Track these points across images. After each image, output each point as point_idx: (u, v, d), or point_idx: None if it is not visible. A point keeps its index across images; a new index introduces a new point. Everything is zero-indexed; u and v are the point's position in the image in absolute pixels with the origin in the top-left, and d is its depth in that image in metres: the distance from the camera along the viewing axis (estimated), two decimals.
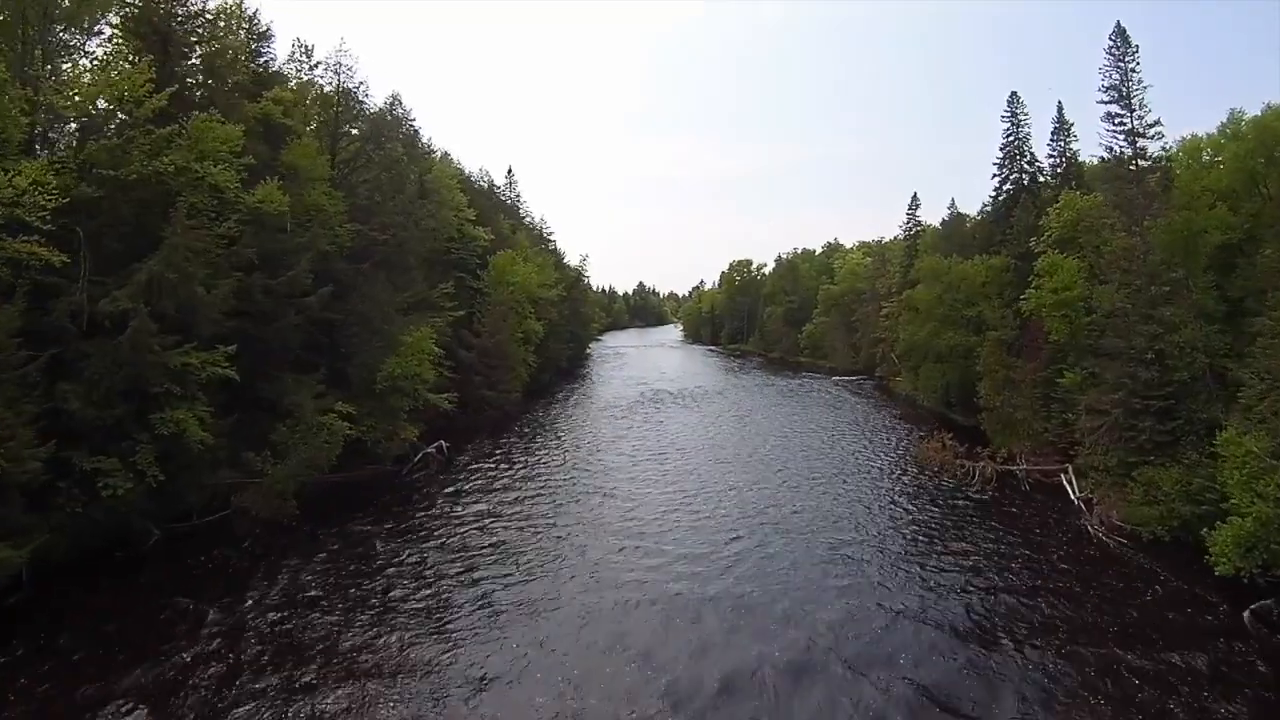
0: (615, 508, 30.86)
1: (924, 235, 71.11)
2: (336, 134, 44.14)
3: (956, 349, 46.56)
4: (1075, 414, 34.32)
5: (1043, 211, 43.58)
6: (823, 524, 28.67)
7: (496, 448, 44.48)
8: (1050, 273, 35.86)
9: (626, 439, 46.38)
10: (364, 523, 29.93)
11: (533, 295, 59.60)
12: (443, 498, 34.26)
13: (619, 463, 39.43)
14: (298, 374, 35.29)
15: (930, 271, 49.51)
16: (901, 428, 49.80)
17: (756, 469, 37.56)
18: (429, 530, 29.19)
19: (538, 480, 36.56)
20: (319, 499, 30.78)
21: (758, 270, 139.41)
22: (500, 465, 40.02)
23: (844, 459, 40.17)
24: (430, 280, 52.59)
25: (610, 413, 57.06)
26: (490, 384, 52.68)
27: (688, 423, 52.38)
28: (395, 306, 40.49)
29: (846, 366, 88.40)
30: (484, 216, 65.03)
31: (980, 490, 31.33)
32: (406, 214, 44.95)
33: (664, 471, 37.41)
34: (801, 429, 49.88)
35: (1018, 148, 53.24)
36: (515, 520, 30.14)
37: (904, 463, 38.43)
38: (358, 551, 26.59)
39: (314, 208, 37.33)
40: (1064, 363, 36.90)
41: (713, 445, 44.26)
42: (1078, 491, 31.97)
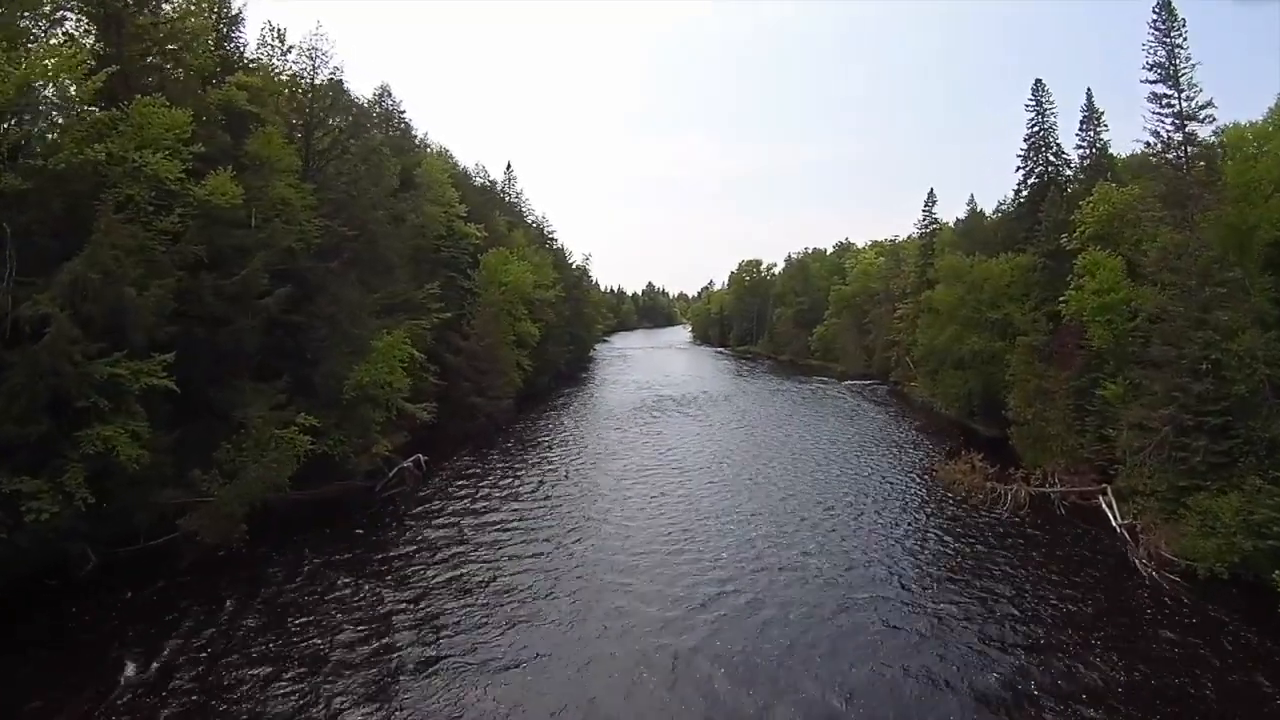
0: (602, 542, 27.26)
1: (941, 233, 67.41)
2: (311, 123, 41.29)
3: (980, 354, 42.87)
4: (1114, 429, 30.78)
5: (1074, 206, 39.95)
6: (836, 565, 24.80)
7: (480, 461, 41.42)
8: (1091, 272, 32.12)
9: (621, 454, 42.75)
10: (322, 551, 26.99)
11: (526, 296, 56.47)
12: (413, 520, 31.26)
13: (609, 485, 35.76)
14: (259, 383, 32.58)
15: (951, 271, 45.77)
16: (922, 441, 45.99)
17: (761, 495, 33.60)
18: (391, 562, 26.13)
19: (518, 503, 33.36)
20: (279, 520, 28.18)
21: (767, 270, 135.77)
22: (480, 483, 36.89)
23: (859, 481, 36.13)
24: (417, 280, 49.79)
25: (608, 422, 53.73)
26: (479, 390, 49.63)
27: (689, 435, 48.80)
28: (368, 308, 37.49)
29: (859, 370, 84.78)
30: (478, 213, 62.06)
31: (1012, 515, 27.74)
32: (383, 208, 41.89)
33: (659, 496, 33.54)
34: (811, 443, 45.99)
35: (1043, 139, 49.66)
36: (487, 553, 26.95)
37: (926, 485, 34.53)
38: (307, 587, 23.65)
39: (279, 201, 34.43)
40: (1101, 371, 33.33)
41: (714, 463, 40.34)
42: (1119, 517, 28.40)
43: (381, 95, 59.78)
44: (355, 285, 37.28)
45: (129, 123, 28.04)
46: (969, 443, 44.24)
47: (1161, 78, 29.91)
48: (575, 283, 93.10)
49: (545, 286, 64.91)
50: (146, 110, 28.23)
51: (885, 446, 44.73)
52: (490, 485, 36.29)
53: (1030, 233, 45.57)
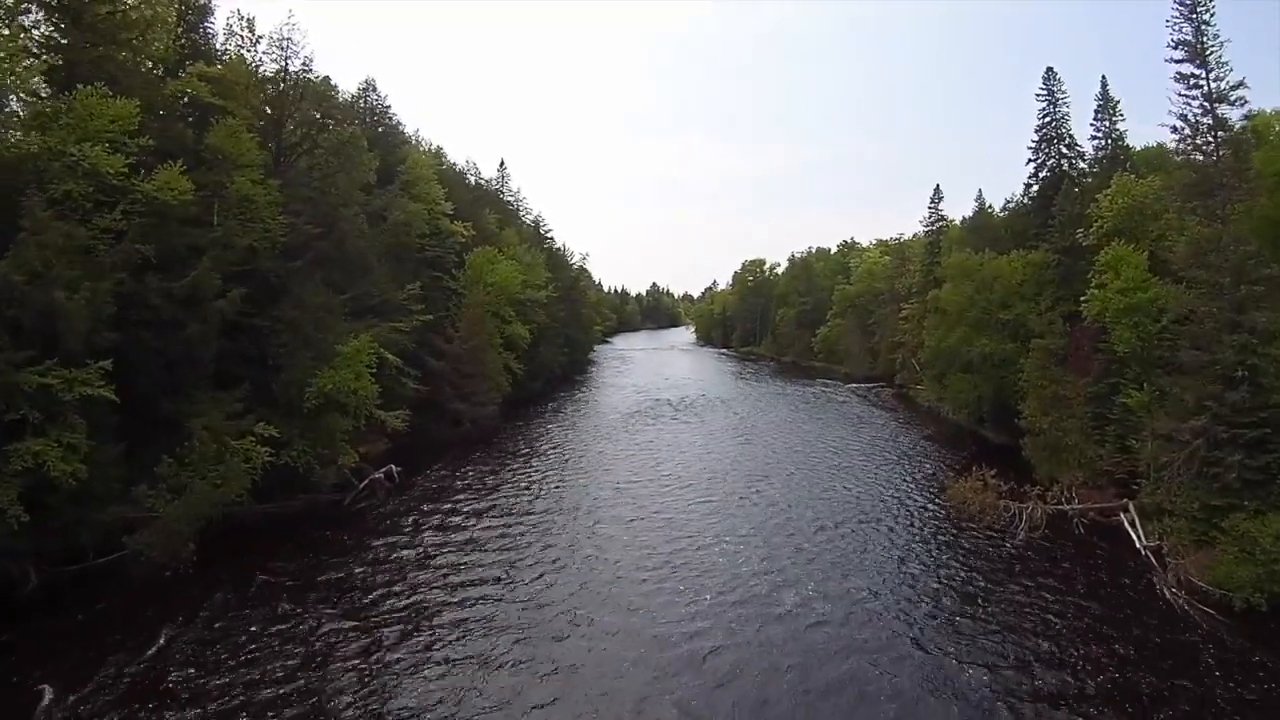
0: (573, 572, 24.63)
1: (948, 232, 64.86)
2: (281, 116, 39.21)
3: (990, 358, 40.27)
4: (1138, 439, 28.34)
5: (1090, 199, 37.46)
6: (834, 605, 21.76)
7: (457, 472, 39.15)
8: (1114, 269, 29.41)
9: (607, 467, 40.04)
10: (274, 570, 24.93)
11: (514, 296, 54.14)
12: (377, 538, 29.02)
13: (590, 503, 32.95)
14: (219, 391, 30.61)
15: (959, 269, 43.09)
16: (929, 452, 43.20)
17: (754, 517, 30.50)
18: (345, 585, 23.97)
19: (489, 521, 30.99)
20: (238, 535, 26.83)
21: (770, 270, 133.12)
22: (454, 497, 34.61)
23: (862, 500, 32.83)
24: (398, 280, 47.67)
25: (598, 429, 51.29)
26: (463, 395, 47.45)
27: (682, 445, 45.87)
28: (335, 311, 35.34)
29: (863, 372, 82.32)
30: (467, 211, 59.89)
31: (1027, 536, 25.18)
32: (356, 204, 39.73)
33: (641, 519, 30.36)
34: (812, 454, 42.89)
35: (1055, 130, 47.16)
36: (449, 577, 24.66)
37: (934, 504, 31.46)
38: (249, 612, 21.58)
39: (242, 198, 32.44)
40: (1122, 376, 30.88)
41: (706, 478, 37.19)
42: (1144, 538, 25.94)
43: (366, 90, 57.68)
44: (321, 286, 35.20)
45: (72, 114, 26.12)
46: (979, 451, 41.87)
47: (1188, 56, 27.36)
48: (572, 283, 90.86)
49: (537, 286, 62.66)
50: (90, 101, 26.25)
51: (890, 458, 41.88)
52: (463, 500, 34.02)
53: (1043, 228, 43.05)
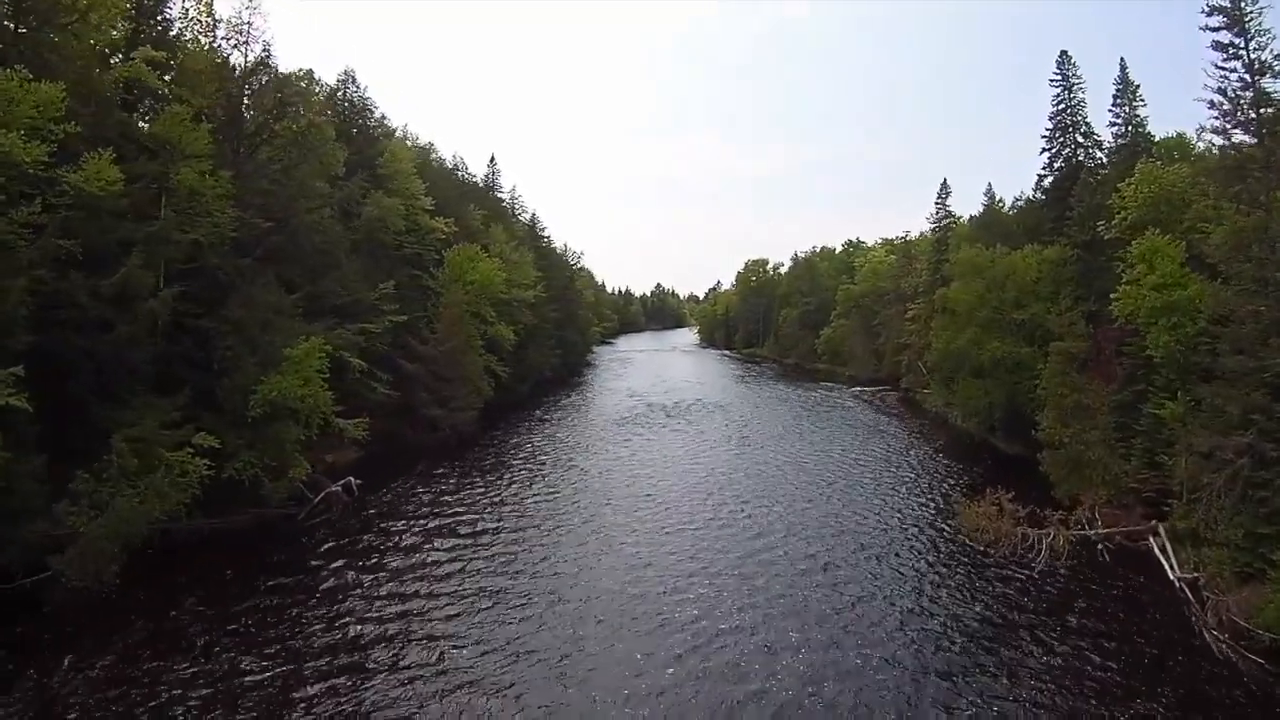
0: (529, 605, 21.70)
1: (956, 228, 61.67)
2: (240, 105, 36.66)
3: (1003, 361, 37.03)
4: (1169, 454, 25.24)
5: (1110, 189, 34.35)
6: (828, 658, 18.46)
7: (425, 484, 36.31)
8: (1148, 262, 26.03)
9: (587, 481, 36.55)
10: (205, 595, 22.51)
11: (496, 296, 51.23)
12: (325, 559, 26.35)
13: (562, 523, 29.69)
14: (157, 397, 28.11)
15: (969, 265, 39.75)
16: (939, 466, 39.56)
17: (741, 543, 26.93)
18: (278, 613, 21.31)
19: (450, 541, 28.14)
20: (176, 554, 25.17)
21: (774, 270, 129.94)
22: (412, 515, 31.76)
23: (864, 527, 28.97)
24: (373, 278, 45.05)
25: (584, 438, 48.19)
26: (440, 400, 44.74)
27: (672, 456, 42.00)
28: (287, 310, 32.67)
29: (868, 375, 79.25)
30: (452, 206, 57.22)
31: (1048, 566, 22.04)
32: (317, 197, 37.08)
33: (612, 550, 26.50)
34: (810, 469, 39.06)
35: (1071, 117, 44.11)
36: (395, 606, 21.88)
37: (943, 527, 28.39)
38: (168, 648, 19.07)
39: (187, 190, 29.98)
40: (1149, 383, 27.79)
41: (693, 495, 33.64)
42: (1177, 567, 22.86)
43: (345, 81, 55.03)
44: (274, 284, 32.59)
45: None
46: (991, 464, 38.82)
47: (1226, 23, 24.29)
48: (567, 283, 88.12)
49: (524, 286, 59.89)
50: (8, 86, 23.74)
51: (895, 475, 37.77)
52: (421, 519, 31.16)
53: (1058, 222, 39.98)
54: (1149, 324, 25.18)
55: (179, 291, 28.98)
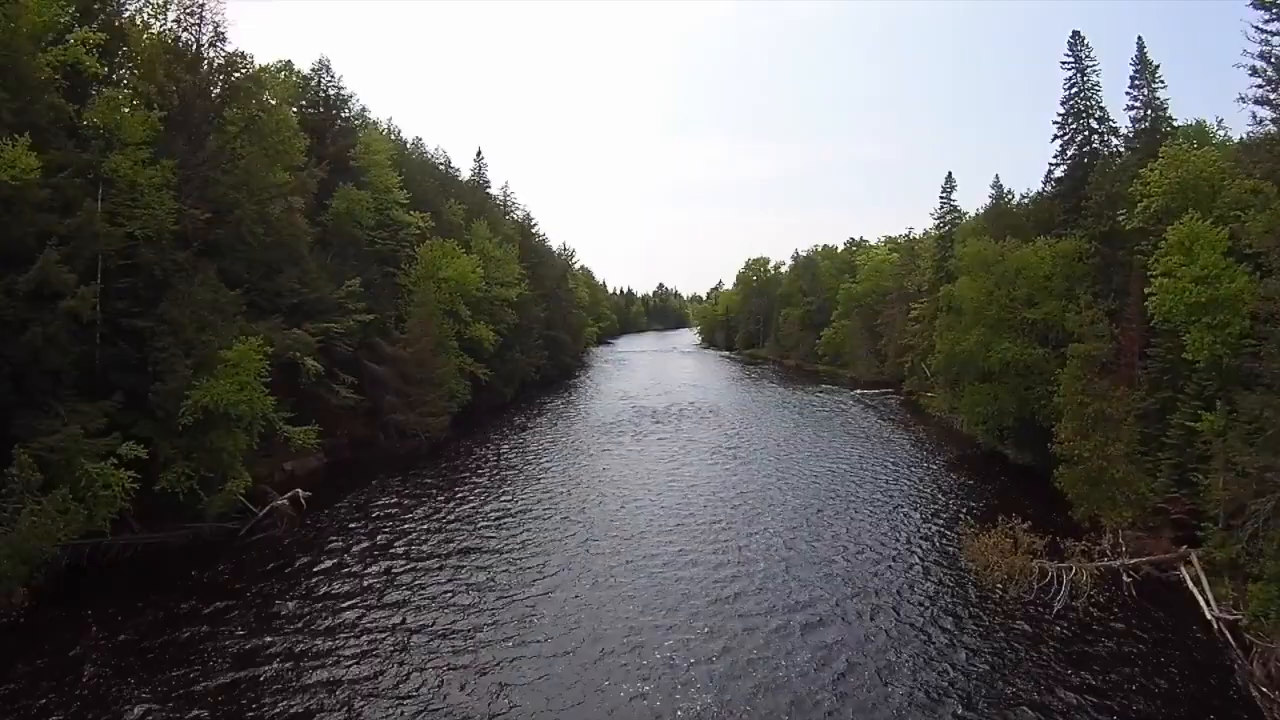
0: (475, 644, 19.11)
1: (962, 224, 58.55)
2: (190, 91, 34.01)
3: (1013, 365, 33.87)
4: (1203, 471, 22.23)
5: (1131, 176, 31.35)
6: None
7: (380, 498, 33.46)
8: (1186, 251, 22.75)
9: (559, 496, 33.38)
10: (117, 625, 20.05)
11: (471, 294, 48.28)
12: (262, 582, 23.73)
13: (524, 544, 26.68)
14: (85, 402, 25.76)
15: (976, 259, 36.42)
16: (944, 481, 36.26)
17: (720, 578, 23.27)
18: (194, 650, 18.68)
19: (396, 563, 25.37)
20: (100, 575, 23.25)
21: (775, 269, 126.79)
22: (360, 532, 28.94)
23: (858, 561, 25.37)
24: (341, 275, 42.35)
25: (565, 445, 45.05)
26: (409, 405, 41.96)
27: (654, 469, 38.33)
28: (228, 308, 29.92)
29: (870, 377, 76.24)
30: (432, 200, 54.51)
31: (1068, 605, 18.94)
32: (265, 186, 34.32)
33: (563, 585, 22.97)
34: (805, 485, 35.36)
35: (1085, 101, 40.97)
36: (329, 641, 19.18)
37: (949, 558, 24.89)
38: (68, 685, 16.73)
39: (127, 181, 27.63)
40: (1178, 389, 24.81)
41: (667, 521, 29.57)
42: (1213, 603, 19.85)
43: (319, 70, 52.34)
44: (214, 281, 29.87)
45: None
46: (1002, 479, 35.84)
47: None
48: (558, 282, 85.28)
49: (507, 284, 57.07)
50: None
51: (897, 491, 34.50)
52: (373, 535, 28.37)
53: (1073, 213, 36.93)
54: (1188, 322, 22.02)
55: (103, 288, 26.65)
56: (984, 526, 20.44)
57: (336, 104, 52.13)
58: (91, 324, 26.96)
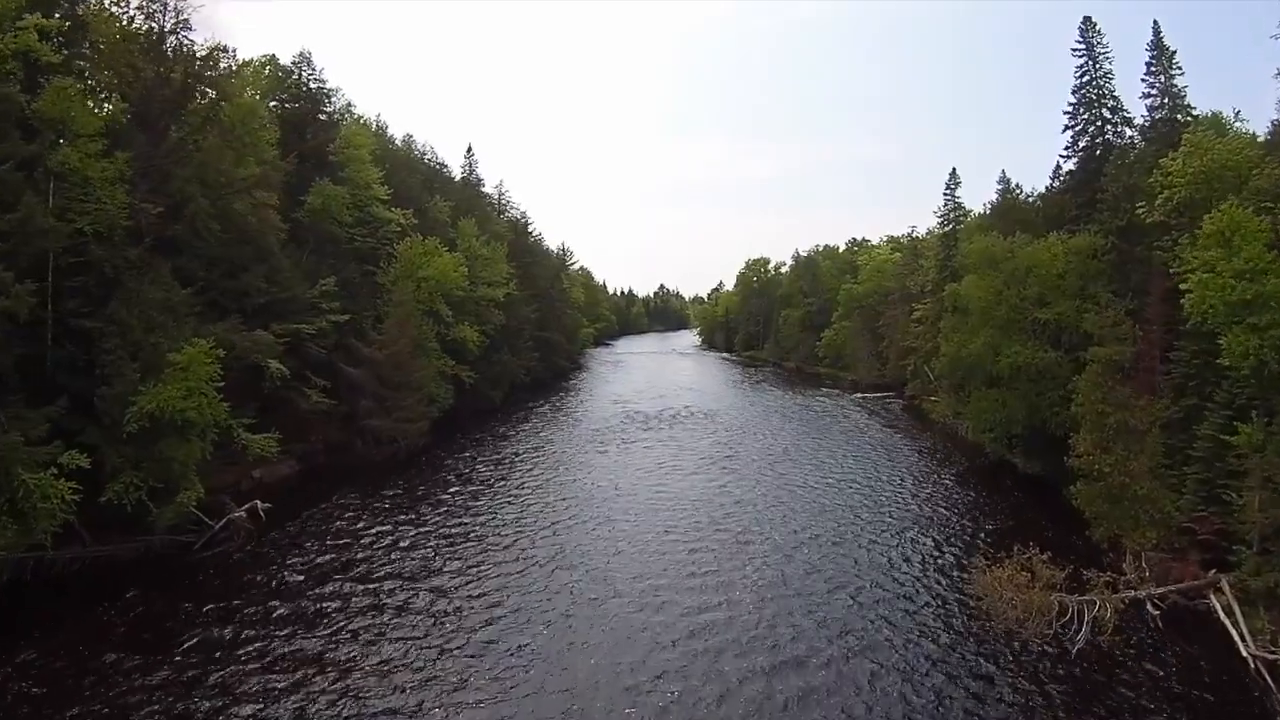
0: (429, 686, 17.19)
1: (967, 222, 56.40)
2: (151, 80, 32.14)
3: (1024, 370, 31.45)
4: (1238, 489, 20.10)
5: (1150, 167, 29.23)
6: None
7: (346, 510, 31.36)
8: (1225, 243, 20.34)
9: (528, 517, 30.34)
10: (43, 650, 18.16)
11: (453, 293, 46.20)
12: (206, 603, 21.70)
13: (490, 580, 23.55)
14: (27, 408, 24.10)
15: (984, 256, 33.94)
16: (953, 496, 33.52)
17: (699, 618, 20.40)
18: (120, 685, 16.67)
19: (353, 585, 23.29)
20: (41, 591, 21.84)
21: (775, 269, 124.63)
22: (324, 548, 26.93)
23: (862, 587, 22.82)
24: (317, 274, 40.43)
25: (546, 454, 42.62)
26: (386, 410, 39.95)
27: (639, 482, 35.49)
28: (180, 308, 27.97)
29: (871, 380, 74.14)
30: (415, 196, 52.57)
31: (1089, 643, 16.73)
32: (229, 182, 32.38)
33: (548, 626, 20.21)
34: (801, 502, 32.37)
35: (1097, 90, 38.89)
36: (272, 683, 17.11)
37: (956, 587, 22.16)
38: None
39: (71, 173, 25.87)
40: (1205, 396, 22.69)
41: (651, 542, 26.87)
42: (1251, 641, 17.70)
43: (300, 62, 50.30)
44: (167, 279, 27.94)
45: None
46: (1011, 488, 33.61)
47: None
48: (551, 282, 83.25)
49: (495, 283, 55.05)
50: None
51: (899, 507, 31.79)
52: (333, 552, 26.36)
53: (1086, 208, 34.87)
54: (1229, 323, 19.79)
55: (53, 287, 24.84)
56: (997, 558, 18.06)
57: (318, 98, 50.11)
58: (40, 324, 25.32)
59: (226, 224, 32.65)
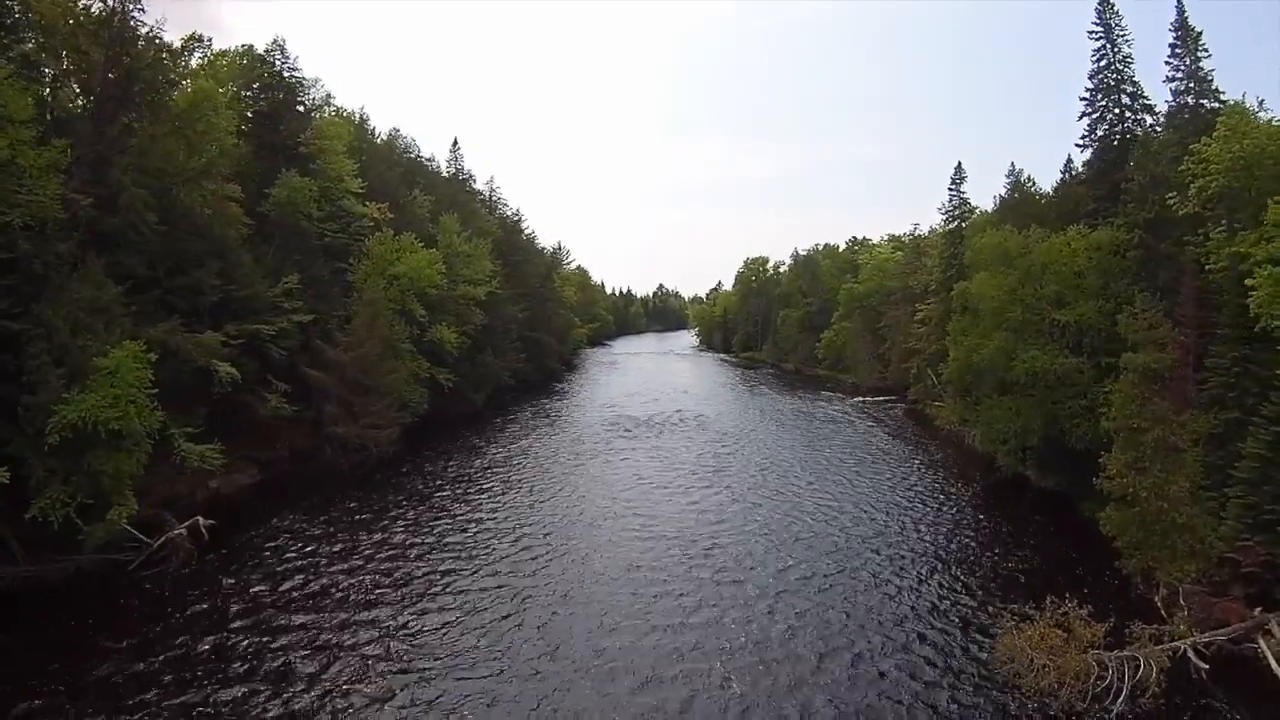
0: None
1: (973, 219, 53.72)
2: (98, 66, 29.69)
3: (1042, 377, 28.44)
4: None
5: (1180, 155, 26.64)
6: None
7: (298, 527, 28.81)
8: None
9: (499, 543, 26.85)
10: None
11: (426, 291, 43.46)
12: (129, 636, 19.35)
13: (437, 620, 20.52)
14: None
15: (997, 252, 30.80)
16: (969, 521, 30.03)
17: (680, 694, 16.67)
18: None
19: (291, 616, 20.82)
20: None
21: (774, 269, 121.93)
22: (269, 570, 24.46)
23: (877, 642, 19.21)
24: (283, 271, 37.88)
25: (523, 464, 39.68)
26: (353, 415, 37.36)
27: (624, 503, 31.94)
28: (113, 308, 25.43)
29: (873, 383, 71.51)
30: (389, 190, 49.97)
31: (1130, 706, 14.01)
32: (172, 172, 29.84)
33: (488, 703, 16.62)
34: (803, 526, 28.80)
35: (1116, 75, 36.34)
36: None
37: (984, 630, 19.05)
38: None
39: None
40: (1249, 409, 20.11)
41: (631, 586, 22.76)
42: None
43: (273, 50, 47.60)
44: (99, 277, 25.39)
45: None
46: (1030, 508, 30.35)
47: None
48: (542, 280, 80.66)
49: (477, 282, 52.43)
50: None
51: (904, 531, 28.17)
52: (277, 577, 23.86)
53: (1105, 201, 32.27)
54: None
55: None
56: (1025, 613, 15.02)
57: (292, 87, 47.41)
58: None
59: (172, 216, 30.08)
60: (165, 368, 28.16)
